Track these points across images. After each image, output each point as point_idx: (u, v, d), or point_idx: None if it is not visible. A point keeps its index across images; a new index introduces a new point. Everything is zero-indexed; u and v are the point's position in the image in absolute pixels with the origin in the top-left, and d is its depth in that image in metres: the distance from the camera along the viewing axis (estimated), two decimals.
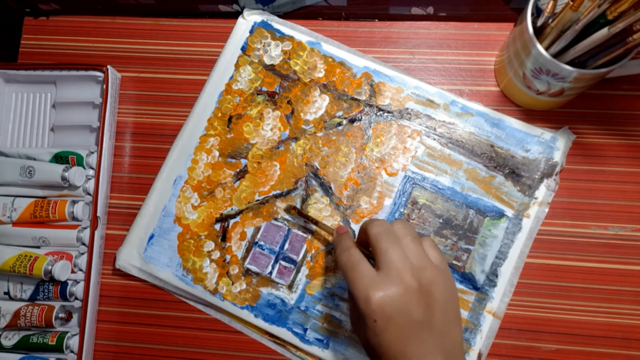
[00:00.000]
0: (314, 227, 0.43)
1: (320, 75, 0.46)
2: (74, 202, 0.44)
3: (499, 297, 0.42)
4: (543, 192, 0.43)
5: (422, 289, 0.32)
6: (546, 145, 0.43)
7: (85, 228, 0.44)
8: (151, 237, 0.44)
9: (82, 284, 0.43)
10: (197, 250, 0.44)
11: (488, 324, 0.41)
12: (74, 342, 0.42)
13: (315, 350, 0.42)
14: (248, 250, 0.44)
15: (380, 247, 0.33)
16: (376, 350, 0.32)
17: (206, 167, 0.45)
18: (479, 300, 0.42)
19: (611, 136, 0.44)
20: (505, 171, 0.43)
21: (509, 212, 0.43)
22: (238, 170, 0.45)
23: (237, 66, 0.46)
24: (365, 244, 0.35)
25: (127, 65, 0.48)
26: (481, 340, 0.41)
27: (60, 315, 0.42)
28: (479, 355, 0.41)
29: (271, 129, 0.45)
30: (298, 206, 0.44)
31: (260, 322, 0.42)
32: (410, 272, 0.31)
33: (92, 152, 0.45)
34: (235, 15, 0.48)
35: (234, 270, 0.43)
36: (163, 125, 0.47)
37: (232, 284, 0.43)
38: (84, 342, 0.42)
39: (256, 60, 0.47)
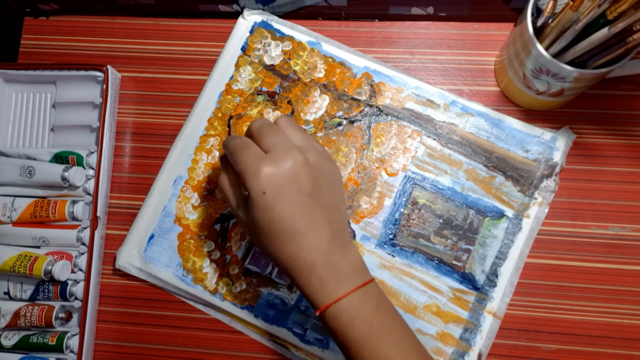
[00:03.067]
0: None
1: (320, 75, 0.46)
2: (74, 202, 0.44)
3: (499, 297, 0.42)
4: (543, 192, 0.43)
5: (309, 165, 0.32)
6: (546, 146, 0.43)
7: (85, 228, 0.44)
8: (151, 237, 0.44)
9: (82, 284, 0.43)
10: (197, 250, 0.44)
11: (488, 324, 0.41)
12: (74, 342, 0.42)
13: (315, 350, 0.42)
14: (248, 250, 0.44)
15: (264, 134, 0.33)
16: (264, 228, 0.32)
17: (206, 167, 0.45)
18: (479, 301, 0.42)
19: (611, 136, 0.44)
20: (505, 171, 0.43)
21: (509, 212, 0.43)
22: None
23: (237, 66, 0.46)
24: None
25: (127, 65, 0.48)
26: (481, 341, 0.41)
27: (60, 315, 0.42)
28: (479, 355, 0.41)
29: None
30: None
31: (260, 322, 0.42)
32: (297, 150, 0.32)
33: (92, 152, 0.45)
34: (235, 15, 0.48)
35: (234, 270, 0.43)
36: (163, 125, 0.47)
37: (232, 284, 0.43)
38: (84, 342, 0.42)
39: (256, 60, 0.47)
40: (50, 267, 0.42)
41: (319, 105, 0.45)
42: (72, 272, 0.44)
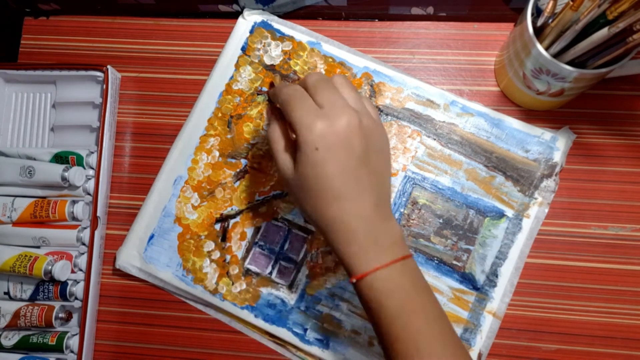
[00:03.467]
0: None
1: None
2: (74, 202, 0.44)
3: (499, 297, 0.42)
4: (543, 192, 0.43)
5: (362, 128, 0.32)
6: (546, 146, 0.43)
7: (85, 228, 0.44)
8: (151, 237, 0.44)
9: (82, 284, 0.43)
10: (197, 250, 0.44)
11: (488, 324, 0.41)
12: (74, 342, 0.42)
13: (315, 350, 0.42)
14: (248, 251, 0.44)
15: (320, 88, 0.32)
16: (310, 184, 0.31)
17: (206, 167, 0.45)
18: (479, 301, 0.42)
19: (611, 136, 0.44)
20: (505, 171, 0.43)
21: (509, 212, 0.43)
22: (238, 170, 0.45)
23: (237, 66, 0.46)
24: None
25: (127, 65, 0.48)
26: (481, 340, 0.41)
27: (60, 315, 0.42)
28: (479, 355, 0.41)
29: None
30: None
31: (260, 322, 0.42)
32: (352, 111, 0.31)
33: (92, 152, 0.45)
34: (235, 15, 0.48)
35: (234, 270, 0.43)
36: (163, 125, 0.47)
37: (232, 284, 0.43)
38: (84, 342, 0.42)
39: (256, 60, 0.47)
40: (50, 267, 0.42)
41: None
42: (72, 272, 0.44)
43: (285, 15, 0.48)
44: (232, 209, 0.44)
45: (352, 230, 0.31)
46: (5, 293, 0.43)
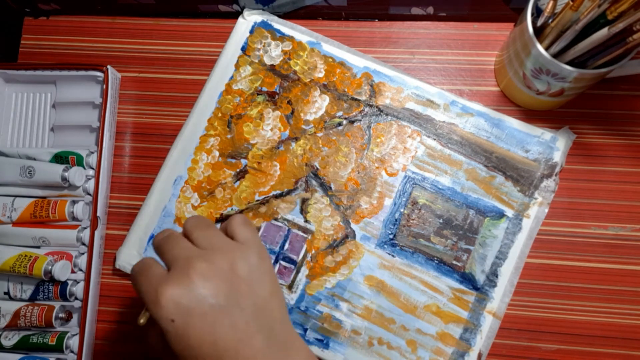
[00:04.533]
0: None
1: (320, 75, 0.46)
2: (74, 202, 0.44)
3: (499, 297, 0.42)
4: (543, 192, 0.43)
5: (221, 271, 0.29)
6: (546, 146, 0.43)
7: (85, 228, 0.44)
8: (151, 237, 0.44)
9: (82, 284, 0.43)
10: None
11: (488, 324, 0.41)
12: (74, 342, 0.42)
13: (315, 350, 0.42)
14: None
15: (163, 249, 0.30)
16: (186, 357, 0.27)
17: (206, 167, 0.45)
18: (479, 301, 0.42)
19: (611, 136, 0.44)
20: (505, 171, 0.43)
21: (509, 212, 0.43)
22: (238, 170, 0.45)
23: (237, 66, 0.46)
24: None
25: (127, 65, 0.48)
26: (481, 340, 0.41)
27: (60, 315, 0.42)
28: (479, 355, 0.41)
29: (271, 129, 0.45)
30: (298, 206, 0.44)
31: None
32: (200, 259, 0.28)
33: (92, 152, 0.45)
34: (235, 15, 0.48)
35: None
36: (163, 125, 0.47)
37: None
38: (84, 342, 0.42)
39: (256, 60, 0.47)
40: (50, 267, 0.42)
41: (319, 105, 0.45)
42: (72, 272, 0.44)
43: (285, 15, 0.48)
44: (232, 209, 0.44)
45: None
46: (5, 293, 0.43)
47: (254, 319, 0.29)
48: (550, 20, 0.36)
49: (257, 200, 0.44)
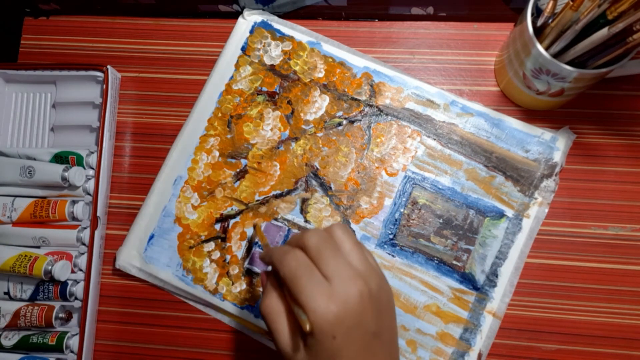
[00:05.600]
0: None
1: (320, 75, 0.46)
2: (74, 202, 0.44)
3: (499, 297, 0.42)
4: (543, 192, 0.43)
5: (373, 296, 0.29)
6: (546, 146, 0.43)
7: (85, 228, 0.44)
8: (151, 237, 0.44)
9: (82, 284, 0.43)
10: (197, 250, 0.44)
11: (488, 324, 0.41)
12: (74, 342, 0.42)
13: None
14: (248, 251, 0.44)
15: (323, 256, 0.29)
16: None
17: (206, 167, 0.45)
18: (479, 301, 0.42)
19: (611, 136, 0.44)
20: (505, 171, 0.43)
21: (509, 212, 0.43)
22: (238, 170, 0.45)
23: (237, 66, 0.46)
24: None
25: (127, 65, 0.48)
26: (481, 341, 0.41)
27: (60, 315, 0.42)
28: (479, 355, 0.41)
29: (271, 129, 0.45)
30: (298, 206, 0.44)
31: (260, 322, 0.42)
32: (361, 280, 0.28)
33: (92, 152, 0.45)
34: (235, 15, 0.48)
35: (234, 270, 0.43)
36: (163, 125, 0.47)
37: (232, 284, 0.43)
38: (84, 342, 0.42)
39: (256, 60, 0.47)
40: (50, 267, 0.42)
41: (319, 105, 0.45)
42: (72, 272, 0.44)
43: (285, 15, 0.48)
44: (232, 209, 0.44)
45: None
46: (5, 293, 0.43)
47: (389, 349, 0.29)
48: (550, 20, 0.36)
49: (257, 200, 0.44)
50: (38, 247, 0.44)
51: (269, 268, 0.43)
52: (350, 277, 0.28)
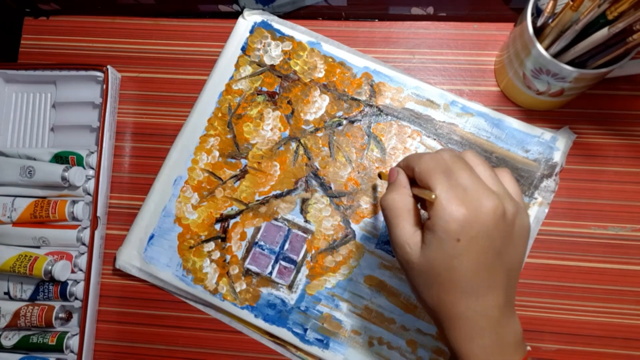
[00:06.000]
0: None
1: (320, 75, 0.46)
2: (74, 202, 0.44)
3: None
4: (543, 192, 0.43)
5: (507, 218, 0.28)
6: (546, 146, 0.43)
7: (85, 228, 0.44)
8: (151, 237, 0.44)
9: (82, 284, 0.43)
10: (197, 250, 0.44)
11: None
12: (74, 342, 0.42)
13: (315, 350, 0.42)
14: (248, 251, 0.44)
15: (457, 167, 0.28)
16: (438, 274, 0.28)
17: (206, 167, 0.45)
18: None
19: (611, 136, 0.44)
20: None
21: None
22: (238, 170, 0.45)
23: (237, 66, 0.46)
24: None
25: (127, 65, 0.48)
26: None
27: (60, 315, 0.42)
28: None
29: (271, 129, 0.45)
30: (298, 206, 0.44)
31: (260, 322, 0.42)
32: (496, 197, 0.28)
33: (92, 152, 0.45)
34: (235, 15, 0.48)
35: (234, 270, 0.43)
36: (163, 125, 0.47)
37: (232, 284, 0.43)
38: (84, 342, 0.42)
39: (256, 60, 0.47)
40: (50, 267, 0.42)
41: (319, 105, 0.45)
42: (72, 272, 0.44)
43: (285, 15, 0.48)
44: (232, 209, 0.44)
45: (476, 329, 0.29)
46: (5, 293, 0.43)
47: (507, 276, 0.29)
48: (550, 20, 0.36)
49: (257, 200, 0.44)
50: (38, 247, 0.44)
51: (269, 268, 0.43)
52: (486, 191, 0.28)
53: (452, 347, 0.30)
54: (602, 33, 0.34)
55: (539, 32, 0.37)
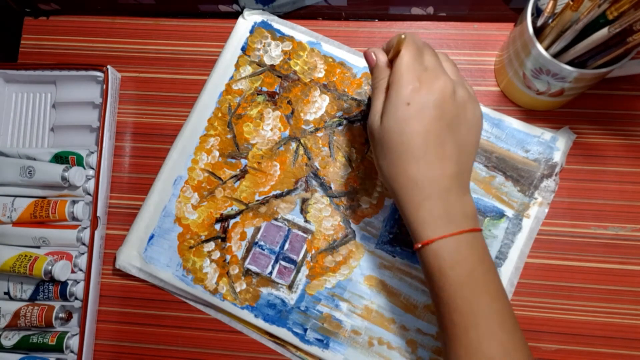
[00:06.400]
0: None
1: (321, 75, 0.46)
2: (74, 202, 0.44)
3: None
4: (543, 192, 0.43)
5: (457, 98, 0.31)
6: (546, 146, 0.43)
7: (85, 228, 0.44)
8: (151, 237, 0.44)
9: (82, 284, 0.43)
10: (197, 250, 0.44)
11: None
12: (74, 342, 0.42)
13: (315, 350, 0.42)
14: (248, 251, 0.44)
15: (426, 52, 0.32)
16: (392, 140, 0.31)
17: (206, 167, 0.45)
18: None
19: (611, 136, 0.44)
20: (505, 171, 0.43)
21: (509, 212, 0.43)
22: (238, 170, 0.45)
23: (237, 66, 0.46)
24: None
25: (127, 65, 0.48)
26: None
27: (60, 315, 0.42)
28: None
29: (271, 129, 0.45)
30: (298, 206, 0.44)
31: (260, 322, 0.42)
32: (449, 78, 0.31)
33: (92, 152, 0.45)
34: (235, 15, 0.48)
35: (234, 270, 0.43)
36: (163, 125, 0.47)
37: (232, 284, 0.43)
38: (84, 342, 0.42)
39: (256, 60, 0.47)
40: (50, 267, 0.42)
41: (319, 105, 0.45)
42: (72, 272, 0.44)
43: (285, 15, 0.48)
44: (232, 209, 0.44)
45: (425, 195, 0.31)
46: (5, 293, 0.43)
47: (459, 151, 0.32)
48: (550, 20, 0.36)
49: (257, 200, 0.44)
50: (38, 247, 0.44)
51: (269, 268, 0.43)
52: (442, 74, 0.31)
53: (403, 214, 0.32)
54: (602, 33, 0.34)
55: (539, 32, 0.37)
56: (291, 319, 0.42)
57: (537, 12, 0.37)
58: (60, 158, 0.44)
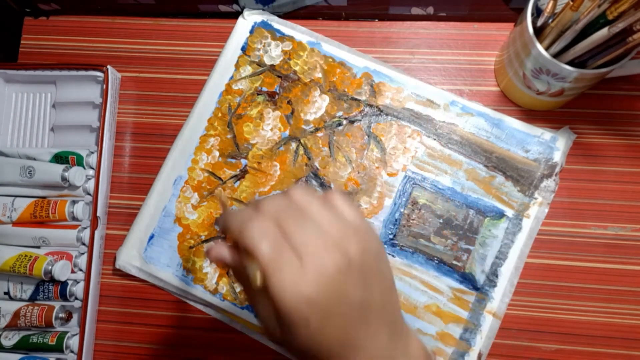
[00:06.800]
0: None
1: (320, 75, 0.46)
2: (74, 202, 0.44)
3: (499, 297, 0.42)
4: (543, 192, 0.43)
5: (353, 264, 0.24)
6: (546, 146, 0.43)
7: (85, 228, 0.44)
8: (151, 237, 0.44)
9: (82, 284, 0.43)
10: (197, 250, 0.44)
11: (488, 324, 0.41)
12: (74, 342, 0.42)
13: None
14: None
15: (291, 224, 0.25)
16: (311, 352, 0.25)
17: (206, 167, 0.45)
18: (479, 301, 0.42)
19: (611, 136, 0.44)
20: (505, 171, 0.43)
21: (509, 212, 0.43)
22: (238, 170, 0.45)
23: (237, 66, 0.46)
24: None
25: (127, 65, 0.48)
26: (481, 341, 0.41)
27: (60, 315, 0.42)
28: (479, 355, 0.41)
29: (271, 129, 0.45)
30: None
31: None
32: (336, 250, 0.24)
33: (92, 152, 0.45)
34: (235, 15, 0.48)
35: None
36: (163, 125, 0.47)
37: (232, 284, 0.43)
38: (84, 342, 0.42)
39: (256, 60, 0.47)
40: (50, 267, 0.42)
41: (319, 105, 0.45)
42: (72, 272, 0.44)
43: (285, 15, 0.48)
44: (231, 209, 0.44)
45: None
46: (5, 293, 0.43)
47: (382, 309, 0.26)
48: (550, 20, 0.36)
49: None
50: (38, 247, 0.44)
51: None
52: (322, 249, 0.24)
53: None
54: (602, 33, 0.34)
55: (539, 32, 0.37)
56: None
57: (537, 12, 0.37)
58: (60, 158, 0.44)
